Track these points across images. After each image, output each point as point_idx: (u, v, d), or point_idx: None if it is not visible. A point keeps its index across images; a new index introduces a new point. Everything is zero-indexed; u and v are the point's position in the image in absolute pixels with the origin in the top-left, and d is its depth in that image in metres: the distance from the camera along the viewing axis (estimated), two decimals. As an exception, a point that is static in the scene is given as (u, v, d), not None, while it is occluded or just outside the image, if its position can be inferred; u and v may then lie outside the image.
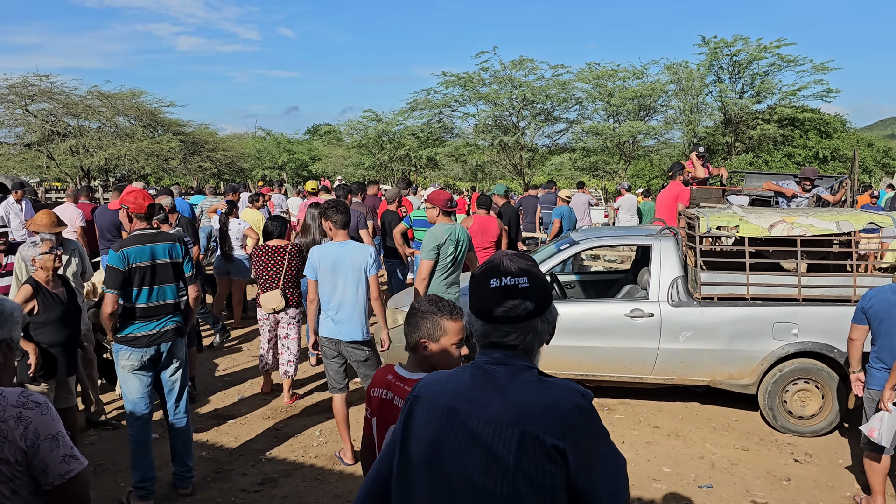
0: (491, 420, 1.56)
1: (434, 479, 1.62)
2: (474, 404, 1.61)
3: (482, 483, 1.55)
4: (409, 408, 1.71)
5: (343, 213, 5.02)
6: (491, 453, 1.54)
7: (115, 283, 4.23)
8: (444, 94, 29.07)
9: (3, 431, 1.86)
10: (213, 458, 5.20)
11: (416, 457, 1.65)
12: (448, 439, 1.61)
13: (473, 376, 1.66)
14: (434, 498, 1.61)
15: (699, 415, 6.18)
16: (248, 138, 48.27)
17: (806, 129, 28.86)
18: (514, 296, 1.65)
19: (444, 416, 1.63)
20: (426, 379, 1.76)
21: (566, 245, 6.61)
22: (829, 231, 5.75)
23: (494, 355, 1.66)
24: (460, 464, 1.58)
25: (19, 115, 25.16)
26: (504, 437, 1.54)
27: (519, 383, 1.62)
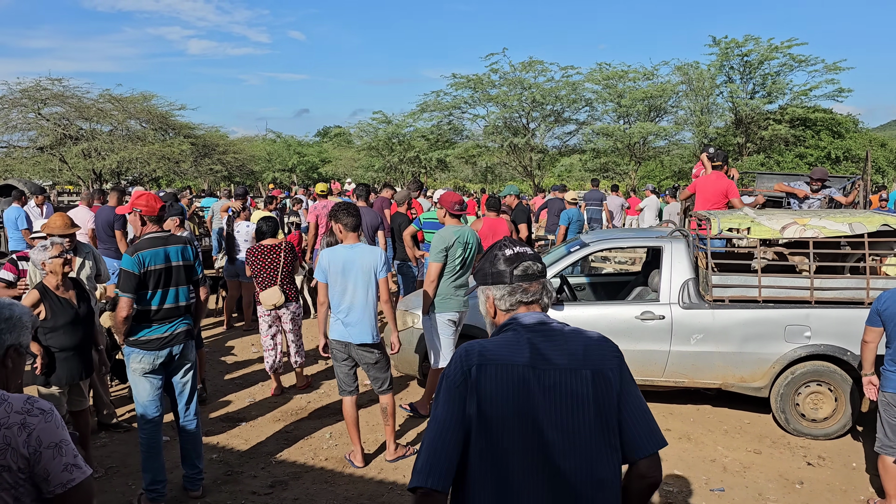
0: (565, 368, 1.90)
1: (526, 429, 1.85)
2: (546, 360, 1.91)
3: (571, 420, 1.87)
4: (478, 375, 1.88)
5: (353, 215, 5.01)
6: (573, 394, 1.88)
7: (130, 286, 4.24)
8: (454, 96, 29.08)
9: (6, 438, 1.85)
10: (224, 461, 5.21)
11: (500, 415, 1.85)
12: (533, 392, 1.86)
13: (531, 339, 1.95)
14: (530, 445, 1.85)
15: (711, 417, 6.14)
16: (258, 141, 48.45)
17: (818, 130, 28.68)
18: (526, 258, 2.06)
19: (523, 375, 1.88)
20: (480, 348, 1.94)
21: (576, 247, 6.59)
22: (841, 233, 5.70)
23: (534, 318, 2.02)
24: (550, 409, 1.86)
25: (32, 118, 25.35)
26: (580, 379, 1.90)
27: (568, 336, 1.98)
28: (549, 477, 1.84)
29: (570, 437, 1.86)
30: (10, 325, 2.02)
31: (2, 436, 1.85)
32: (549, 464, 1.85)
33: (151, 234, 4.47)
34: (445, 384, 1.92)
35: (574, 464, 1.85)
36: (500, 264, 2.07)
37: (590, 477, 1.86)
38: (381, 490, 4.76)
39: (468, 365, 1.90)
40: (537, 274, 2.05)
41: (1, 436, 1.85)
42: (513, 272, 2.04)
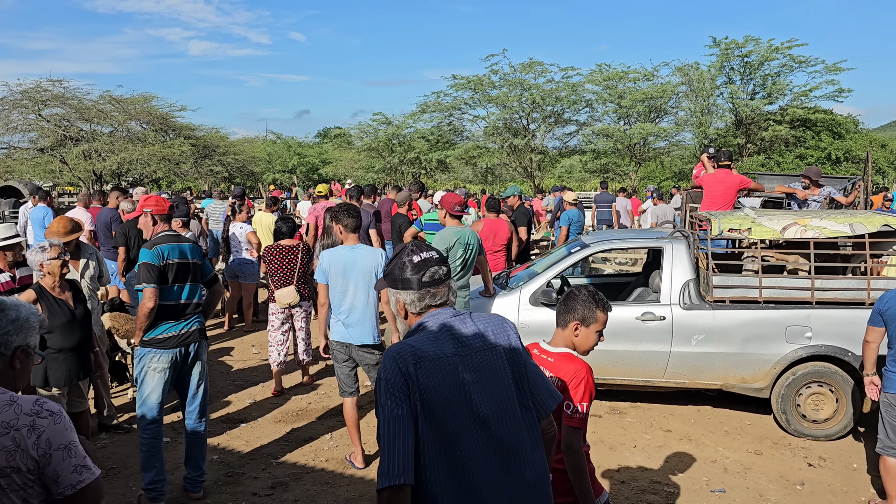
0: (482, 349, 2.17)
1: (465, 409, 2.08)
2: (466, 346, 2.15)
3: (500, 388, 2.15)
4: (416, 373, 2.05)
5: (353, 216, 5.01)
6: (495, 370, 2.16)
7: (153, 277, 4.28)
8: (454, 97, 29.09)
9: (15, 440, 1.85)
10: (225, 462, 5.21)
11: (443, 402, 2.06)
12: (463, 376, 2.10)
13: (449, 332, 2.17)
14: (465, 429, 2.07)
15: (711, 418, 6.14)
16: (258, 142, 48.44)
17: (818, 130, 28.67)
18: (432, 264, 2.22)
19: (453, 363, 2.11)
20: (411, 348, 2.11)
21: (577, 248, 6.59)
22: (842, 233, 5.70)
23: (446, 313, 2.22)
24: (480, 387, 2.12)
25: (33, 119, 25.38)
26: (497, 355, 2.18)
27: (475, 322, 2.23)
28: (491, 445, 2.09)
29: (499, 406, 2.13)
30: (18, 326, 2.03)
31: (11, 438, 1.85)
32: (489, 433, 2.09)
33: (164, 232, 4.55)
34: (385, 386, 2.05)
35: (507, 429, 2.12)
36: (407, 272, 2.21)
37: (520, 437, 2.14)
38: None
39: (405, 365, 2.06)
40: (443, 278, 2.23)
41: (10, 438, 1.85)
42: (420, 279, 2.20)
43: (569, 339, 2.85)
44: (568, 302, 2.87)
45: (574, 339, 2.84)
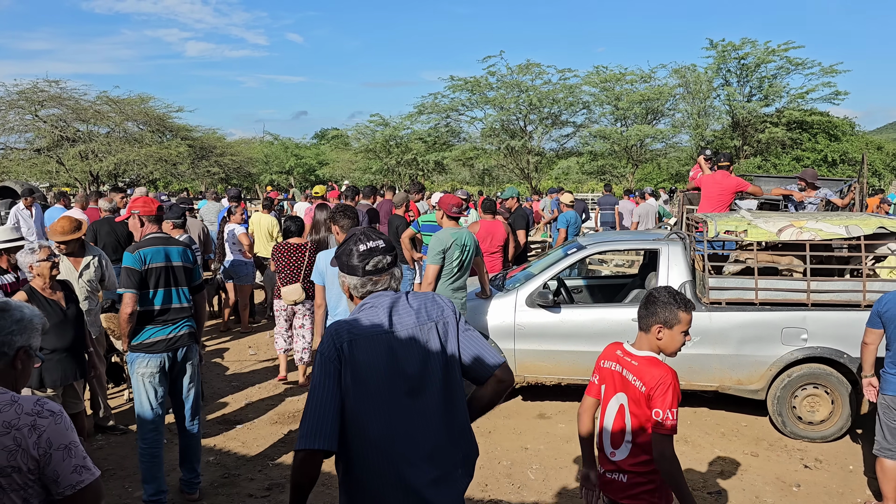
0: (415, 326, 2.34)
1: (393, 383, 2.25)
2: (401, 324, 2.33)
3: (426, 366, 2.32)
4: (345, 351, 2.22)
5: (350, 217, 5.01)
6: (426, 343, 2.34)
7: (133, 282, 4.25)
8: (452, 99, 29.15)
9: (16, 439, 1.86)
10: (221, 464, 5.20)
11: (376, 376, 2.23)
12: (396, 351, 2.28)
13: (387, 311, 2.33)
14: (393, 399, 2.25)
15: (707, 420, 6.15)
16: (256, 143, 48.38)
17: (814, 133, 28.76)
18: (377, 253, 2.37)
19: (387, 340, 2.29)
20: (348, 326, 2.28)
21: (573, 249, 6.59)
22: (838, 235, 5.72)
23: (387, 296, 2.37)
24: (412, 360, 2.30)
25: (29, 120, 25.33)
26: (428, 331, 2.36)
27: (411, 302, 2.40)
28: (417, 413, 2.28)
29: (429, 375, 2.32)
30: (22, 326, 2.04)
31: (12, 437, 1.86)
32: (417, 402, 2.29)
33: (152, 234, 4.52)
34: (321, 359, 2.24)
35: (435, 398, 2.32)
36: (354, 259, 2.37)
37: (447, 405, 2.34)
38: (378, 493, 4.75)
39: (340, 342, 2.24)
40: (386, 267, 2.39)
41: (11, 437, 1.86)
42: (364, 267, 2.36)
43: (653, 342, 2.84)
44: (648, 305, 2.85)
45: (658, 343, 2.83)
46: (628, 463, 2.78)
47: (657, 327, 2.81)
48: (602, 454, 2.92)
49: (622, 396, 2.83)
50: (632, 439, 2.78)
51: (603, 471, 2.91)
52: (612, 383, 2.90)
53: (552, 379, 6.20)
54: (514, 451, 5.46)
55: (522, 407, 6.43)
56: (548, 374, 6.18)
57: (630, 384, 2.78)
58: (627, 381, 2.80)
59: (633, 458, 2.77)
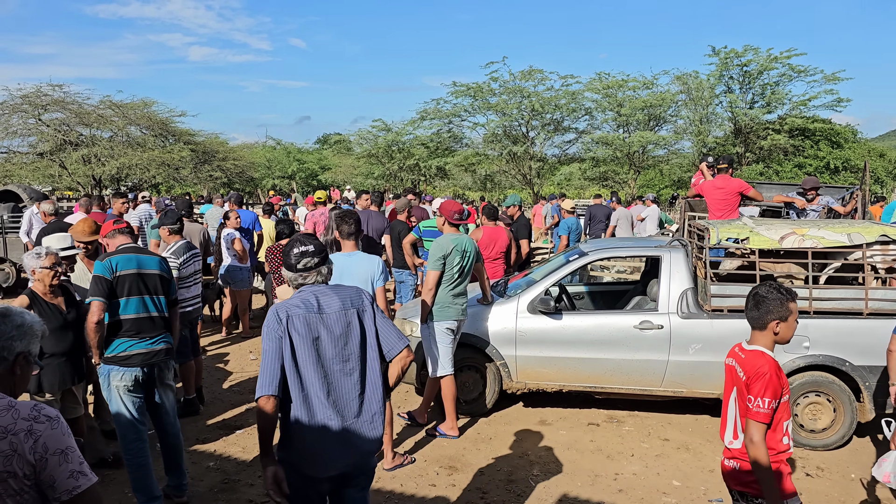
0: (338, 310, 3.06)
1: (320, 352, 2.97)
2: (330, 304, 3.05)
3: (347, 341, 3.04)
4: (287, 324, 2.95)
5: (349, 223, 4.99)
6: (347, 324, 3.05)
7: (101, 291, 4.19)
8: (454, 104, 29.17)
9: (12, 444, 1.85)
10: (221, 469, 5.19)
11: (305, 347, 2.94)
12: (320, 328, 2.99)
13: (317, 294, 3.05)
14: (322, 362, 2.97)
15: (709, 427, 6.13)
16: (258, 148, 48.50)
17: (817, 140, 28.77)
18: (307, 256, 3.06)
19: (316, 318, 3.00)
20: (286, 307, 2.98)
21: (575, 256, 6.59)
22: (840, 243, 5.70)
23: (317, 287, 3.09)
24: (333, 335, 3.00)
25: (32, 124, 25.41)
26: (349, 315, 3.07)
27: (336, 292, 3.10)
28: (331, 377, 2.98)
29: (350, 347, 3.04)
30: (22, 332, 2.04)
31: (8, 442, 1.85)
32: (342, 364, 3.01)
33: (123, 244, 4.51)
34: (267, 330, 2.96)
35: (355, 363, 3.04)
36: (291, 258, 3.07)
37: (363, 369, 3.06)
38: (378, 499, 4.74)
39: (282, 316, 2.97)
40: (314, 266, 3.07)
41: (7, 442, 1.85)
42: (296, 266, 3.06)
43: (768, 338, 3.05)
44: (759, 305, 3.06)
45: (775, 337, 3.04)
46: (740, 451, 2.99)
47: (774, 323, 3.02)
48: (725, 446, 3.15)
49: (736, 389, 3.09)
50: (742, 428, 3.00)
51: (723, 459, 3.14)
52: (729, 378, 3.16)
53: (553, 385, 6.19)
54: (515, 457, 5.45)
55: (523, 413, 6.42)
56: (549, 380, 6.17)
57: (738, 376, 3.03)
58: (737, 374, 3.05)
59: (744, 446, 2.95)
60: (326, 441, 2.92)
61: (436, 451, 5.53)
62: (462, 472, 5.17)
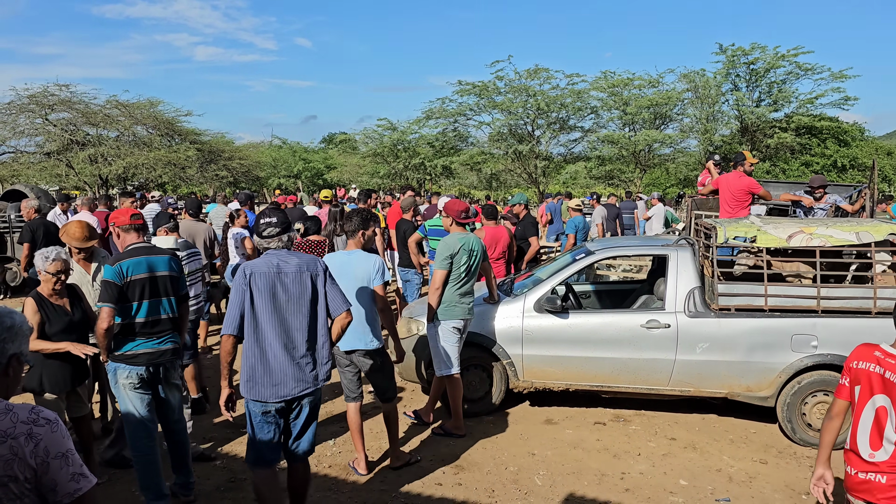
0: (293, 272, 3.80)
1: (275, 303, 3.75)
2: (287, 266, 3.79)
3: (299, 297, 3.80)
4: (249, 280, 3.72)
5: (350, 220, 4.99)
6: (300, 284, 3.81)
7: (111, 296, 4.11)
8: (459, 103, 29.18)
9: (13, 448, 1.84)
10: (227, 468, 5.20)
11: (263, 298, 3.72)
12: (277, 285, 3.75)
13: (278, 257, 3.81)
14: (277, 311, 3.75)
15: (716, 427, 6.11)
16: (264, 147, 48.57)
17: (824, 138, 28.65)
18: (271, 226, 3.83)
19: (276, 274, 3.76)
20: (251, 266, 3.77)
21: (581, 255, 6.57)
22: (848, 242, 5.68)
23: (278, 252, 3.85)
24: (288, 291, 3.78)
25: (39, 124, 25.50)
26: (303, 276, 3.82)
27: (297, 258, 3.85)
28: (282, 327, 3.77)
29: (297, 305, 3.79)
30: (13, 333, 2.01)
31: (8, 446, 1.84)
32: (293, 315, 3.79)
33: (133, 244, 4.39)
34: (235, 283, 3.72)
35: (304, 315, 3.82)
36: (258, 227, 3.84)
37: (310, 324, 3.84)
38: (384, 498, 4.74)
39: (247, 273, 3.74)
40: (275, 235, 3.82)
41: (7, 446, 1.84)
42: (262, 233, 3.82)
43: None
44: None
45: None
46: (888, 464, 2.86)
47: None
48: (856, 456, 3.02)
49: (883, 398, 2.88)
50: (894, 440, 2.84)
51: (855, 472, 3.02)
52: (868, 384, 2.94)
53: (560, 385, 6.18)
54: (521, 456, 5.44)
55: (529, 412, 6.41)
56: (555, 379, 6.16)
57: (894, 385, 2.83)
58: (891, 383, 2.84)
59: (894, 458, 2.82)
60: (274, 374, 3.76)
61: (442, 450, 5.53)
62: (468, 471, 5.16)
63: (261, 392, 3.79)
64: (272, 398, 3.79)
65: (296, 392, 3.82)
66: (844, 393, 3.10)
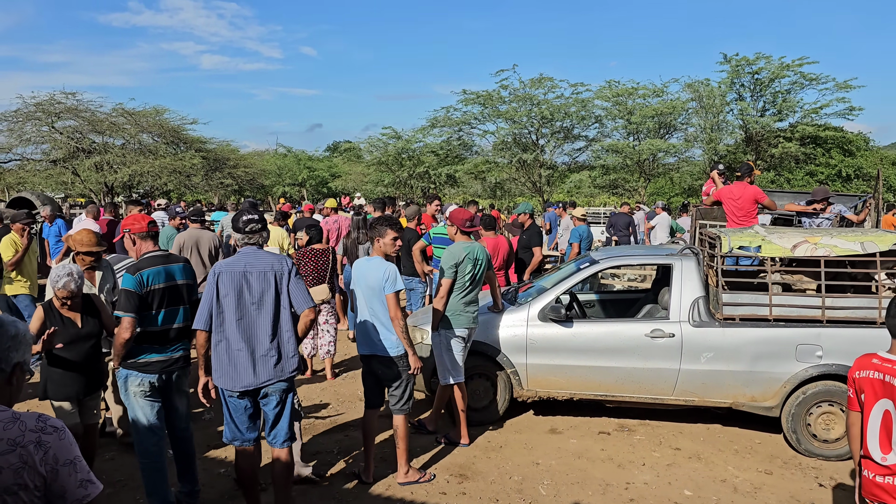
0: (261, 271, 4.06)
1: (240, 300, 4.04)
2: (254, 266, 4.08)
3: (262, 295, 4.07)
4: (217, 279, 4.04)
5: (372, 228, 5.08)
6: (265, 282, 4.06)
7: (132, 306, 4.13)
8: (464, 112, 29.23)
9: (22, 457, 1.86)
10: (232, 476, 5.19)
11: (229, 296, 4.03)
12: (243, 283, 4.04)
13: (246, 256, 4.11)
14: (240, 308, 4.04)
15: (721, 437, 6.10)
16: (269, 155, 48.69)
17: (828, 148, 28.63)
18: (252, 223, 4.13)
19: (241, 274, 4.05)
20: (223, 265, 4.10)
21: (586, 264, 6.58)
22: (853, 252, 5.68)
23: (252, 247, 4.15)
24: (252, 290, 4.04)
25: (46, 132, 25.59)
26: (269, 275, 4.06)
27: (266, 257, 4.13)
28: (258, 318, 4.06)
29: (265, 299, 4.06)
30: (17, 342, 2.03)
31: (18, 455, 1.86)
32: (257, 311, 4.06)
33: (150, 253, 4.39)
34: (208, 282, 4.09)
35: (268, 313, 4.06)
36: (239, 223, 4.13)
37: (273, 320, 4.08)
38: (388, 507, 4.74)
39: (216, 272, 4.07)
40: (256, 231, 4.14)
41: (17, 455, 1.86)
42: (244, 229, 4.12)
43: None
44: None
45: None
46: None
47: None
48: (871, 461, 3.07)
49: (887, 402, 2.99)
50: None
51: (872, 476, 3.08)
52: (872, 391, 3.05)
53: (564, 394, 6.17)
54: (525, 466, 5.43)
55: (534, 422, 6.40)
56: (560, 388, 6.16)
57: (894, 388, 2.95)
58: (891, 386, 2.96)
59: None
60: (238, 365, 4.04)
61: (446, 459, 5.53)
62: (472, 481, 5.16)
63: (224, 381, 4.10)
64: (234, 387, 4.08)
65: (256, 383, 4.07)
66: (855, 404, 3.19)
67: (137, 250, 4.45)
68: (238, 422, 4.20)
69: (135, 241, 4.44)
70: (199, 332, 4.09)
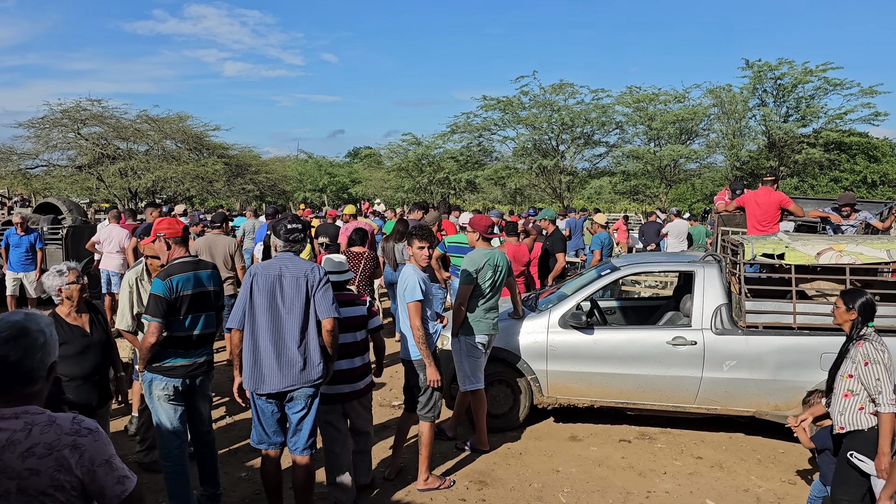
0: (292, 276, 4.12)
1: (271, 303, 4.10)
2: (288, 269, 4.14)
3: (293, 301, 4.10)
4: (251, 281, 4.13)
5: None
6: (296, 286, 4.11)
7: (160, 311, 4.15)
8: (484, 118, 29.24)
9: (58, 460, 1.89)
10: (253, 480, 5.23)
11: (262, 297, 4.10)
12: (276, 286, 4.11)
13: (282, 260, 4.19)
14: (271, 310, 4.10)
15: (744, 446, 6.03)
16: (290, 161, 49.08)
17: (853, 154, 28.25)
18: (295, 232, 4.25)
19: (277, 277, 4.12)
20: (258, 267, 4.19)
21: (607, 271, 6.55)
22: (879, 259, 5.60)
23: (288, 254, 4.22)
24: (284, 294, 4.10)
25: (72, 138, 26.02)
26: (300, 280, 4.11)
27: (300, 263, 4.18)
28: (275, 324, 4.11)
29: (291, 306, 4.10)
30: (49, 346, 2.04)
31: (54, 458, 1.89)
32: (287, 315, 4.10)
33: (181, 258, 4.42)
34: (243, 283, 4.18)
35: (298, 317, 4.11)
36: (281, 232, 4.23)
37: (302, 326, 4.12)
38: (408, 513, 4.74)
39: (252, 273, 4.16)
40: (298, 241, 4.25)
41: (53, 458, 1.89)
42: (288, 237, 4.23)
43: None
44: None
45: None
46: None
47: None
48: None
49: None
50: None
51: None
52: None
53: (584, 401, 6.14)
54: (545, 473, 5.41)
55: (554, 429, 6.38)
56: (580, 396, 6.13)
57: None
58: None
59: None
60: (262, 368, 4.09)
61: (466, 466, 5.52)
62: (492, 487, 5.15)
63: (251, 383, 4.14)
64: (260, 390, 4.12)
65: (280, 387, 4.10)
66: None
67: (171, 254, 4.46)
68: (266, 425, 4.23)
69: (169, 245, 4.46)
70: (234, 331, 4.16)
